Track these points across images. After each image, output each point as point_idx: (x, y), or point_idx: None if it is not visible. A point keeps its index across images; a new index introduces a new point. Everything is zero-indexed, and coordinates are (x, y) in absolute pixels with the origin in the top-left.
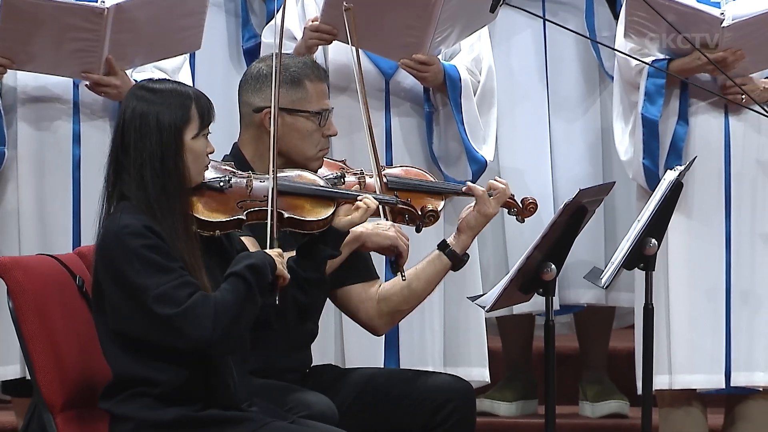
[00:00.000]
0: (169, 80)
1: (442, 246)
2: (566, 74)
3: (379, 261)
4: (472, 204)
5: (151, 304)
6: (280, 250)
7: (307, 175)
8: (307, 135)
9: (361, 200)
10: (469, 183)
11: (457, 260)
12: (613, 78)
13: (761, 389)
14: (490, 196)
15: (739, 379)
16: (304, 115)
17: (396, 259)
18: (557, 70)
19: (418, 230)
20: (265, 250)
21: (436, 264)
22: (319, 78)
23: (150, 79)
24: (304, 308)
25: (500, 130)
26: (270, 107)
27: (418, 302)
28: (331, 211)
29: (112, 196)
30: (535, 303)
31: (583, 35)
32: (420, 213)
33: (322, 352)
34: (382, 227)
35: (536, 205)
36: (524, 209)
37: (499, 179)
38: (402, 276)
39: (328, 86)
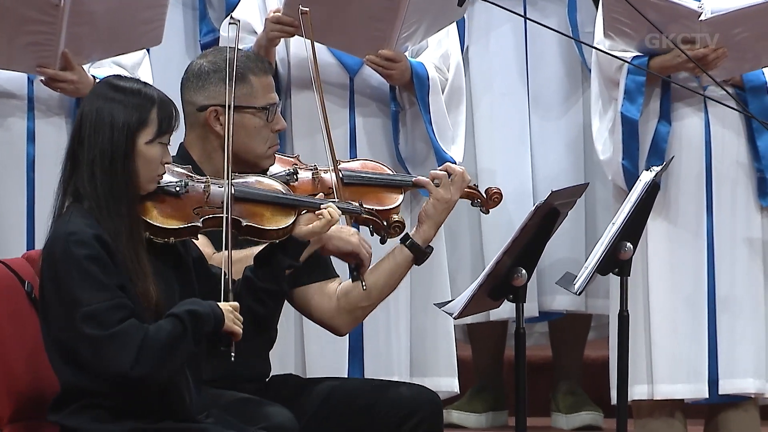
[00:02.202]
0: (136, 80)
1: (404, 238)
2: (548, 70)
3: (342, 263)
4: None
5: (80, 320)
6: (236, 304)
7: (267, 182)
8: (255, 132)
9: (324, 209)
10: (417, 177)
11: (419, 253)
12: None
13: (753, 395)
14: (437, 185)
15: (726, 387)
16: (251, 112)
17: (357, 267)
18: (538, 66)
19: (382, 241)
20: (218, 303)
21: (398, 258)
22: (264, 71)
23: (118, 76)
24: (260, 319)
25: (478, 128)
26: (215, 105)
27: (379, 299)
28: (292, 219)
29: (66, 191)
30: (513, 309)
31: (563, 33)
32: (385, 223)
33: (282, 362)
34: (345, 232)
35: (501, 195)
36: (488, 200)
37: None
38: (362, 285)
39: (275, 79)
